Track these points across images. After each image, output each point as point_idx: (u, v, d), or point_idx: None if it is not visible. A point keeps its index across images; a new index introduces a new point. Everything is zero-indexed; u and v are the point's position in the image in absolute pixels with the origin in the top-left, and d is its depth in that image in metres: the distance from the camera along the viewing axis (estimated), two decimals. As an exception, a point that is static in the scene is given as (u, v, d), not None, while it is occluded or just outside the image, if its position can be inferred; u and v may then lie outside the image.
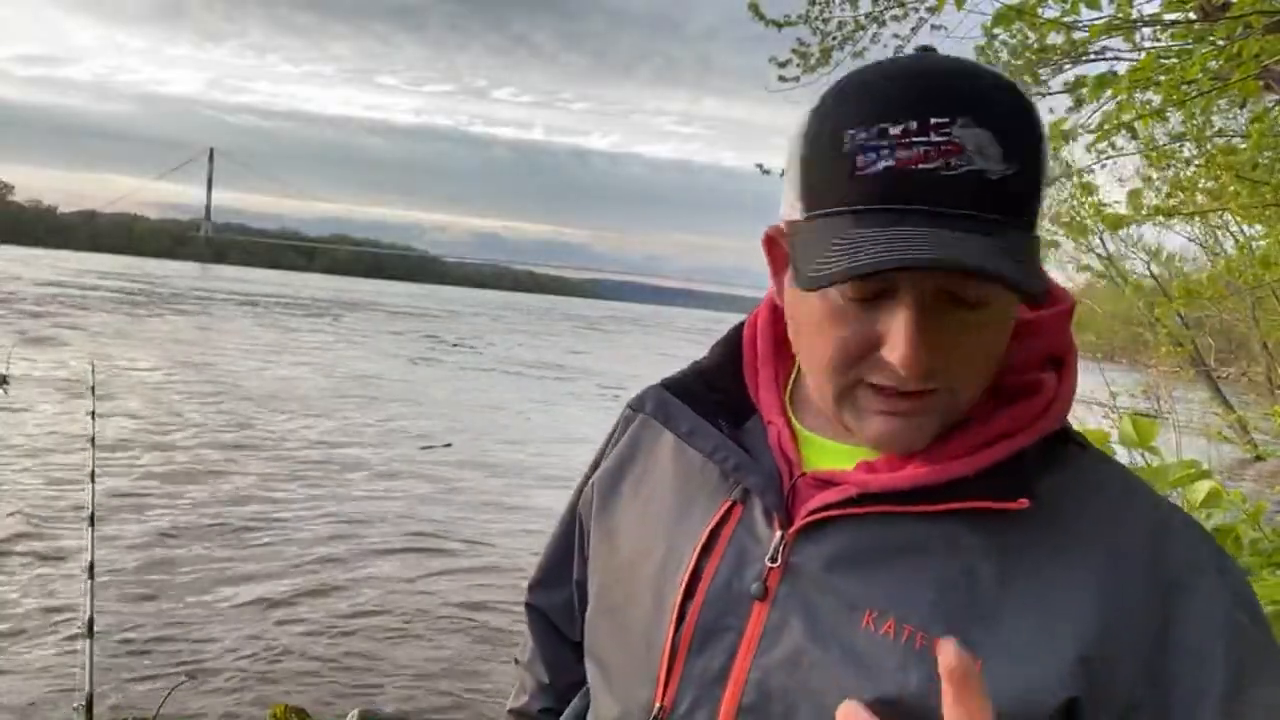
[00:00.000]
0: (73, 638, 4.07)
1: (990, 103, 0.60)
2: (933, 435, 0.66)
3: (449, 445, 11.69)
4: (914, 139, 0.59)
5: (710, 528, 0.73)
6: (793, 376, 0.81)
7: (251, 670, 5.11)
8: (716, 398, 0.79)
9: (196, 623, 5.64)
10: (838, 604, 0.65)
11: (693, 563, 0.72)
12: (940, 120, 0.58)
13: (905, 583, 0.64)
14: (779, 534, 0.69)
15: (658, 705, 0.71)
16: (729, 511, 0.73)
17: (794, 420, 0.78)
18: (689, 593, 0.71)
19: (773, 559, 0.69)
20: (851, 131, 0.61)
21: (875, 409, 0.66)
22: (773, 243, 0.72)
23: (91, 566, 3.51)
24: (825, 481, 0.70)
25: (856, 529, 0.67)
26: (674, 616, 0.71)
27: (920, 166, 0.58)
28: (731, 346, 0.84)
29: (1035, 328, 0.71)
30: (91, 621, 3.15)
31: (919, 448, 0.67)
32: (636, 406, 0.83)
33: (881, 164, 0.59)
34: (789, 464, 0.74)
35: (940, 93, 0.60)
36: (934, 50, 0.66)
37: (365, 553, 7.36)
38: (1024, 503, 0.64)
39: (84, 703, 2.87)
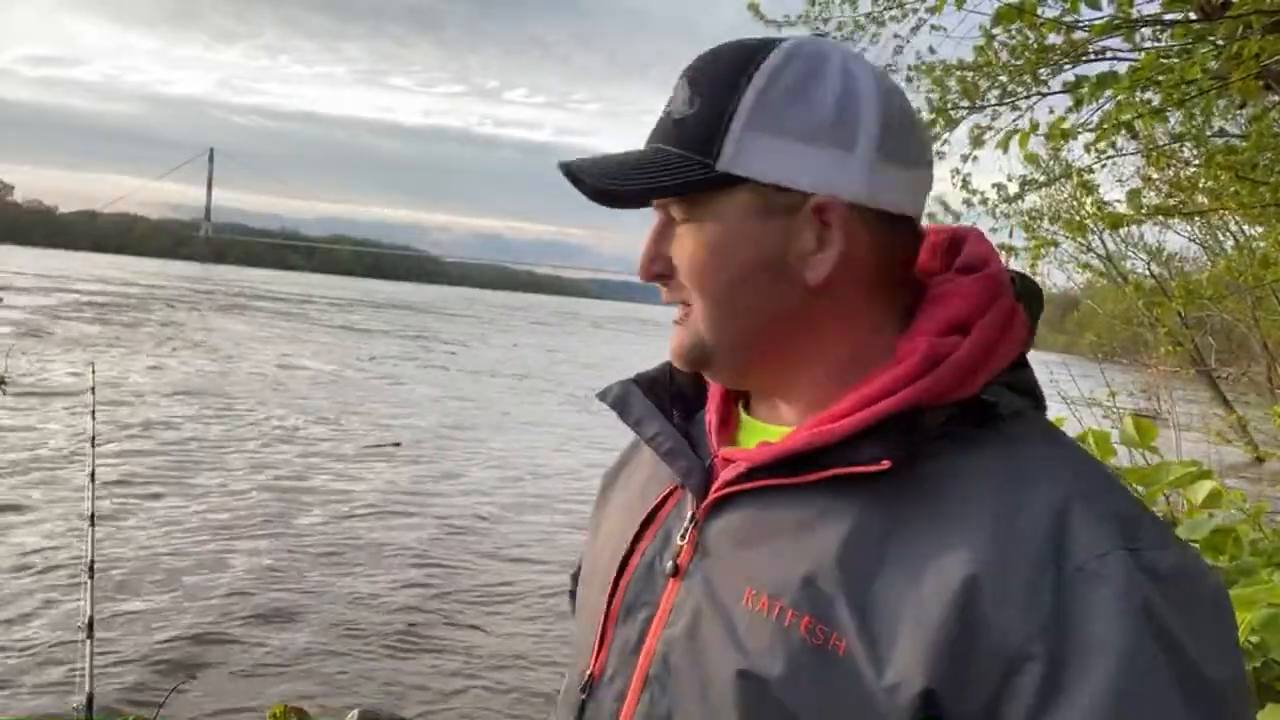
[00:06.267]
0: (73, 638, 4.07)
1: (703, 59, 0.71)
2: (685, 347, 0.73)
3: (398, 445, 11.78)
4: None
5: (649, 510, 0.78)
6: None
7: (251, 670, 5.12)
8: (676, 389, 0.82)
9: (196, 622, 5.64)
10: (729, 579, 0.67)
11: (629, 543, 0.77)
12: (678, 79, 0.72)
13: (784, 558, 0.64)
14: (690, 513, 0.73)
15: (588, 673, 0.76)
16: (670, 495, 0.77)
17: (740, 406, 0.79)
18: (623, 570, 0.77)
19: (682, 536, 0.72)
20: None
21: None
22: None
23: (91, 566, 3.51)
24: (731, 461, 0.73)
25: (753, 504, 0.68)
26: (608, 592, 0.76)
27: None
28: None
29: (945, 295, 0.69)
30: (91, 621, 3.15)
31: (679, 358, 0.74)
32: (601, 396, 0.83)
33: None
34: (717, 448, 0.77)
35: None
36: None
37: (365, 553, 7.37)
38: (884, 464, 0.61)
39: (84, 703, 2.87)
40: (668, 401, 0.81)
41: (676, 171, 0.68)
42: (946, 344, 0.65)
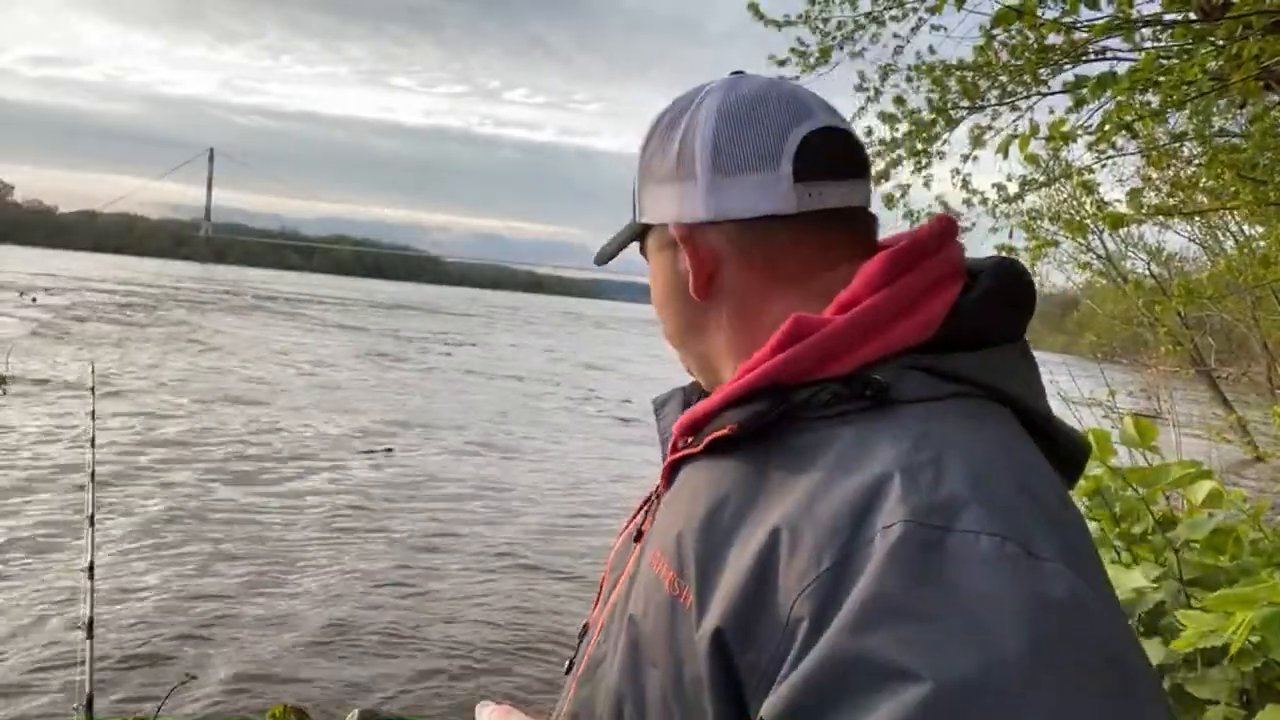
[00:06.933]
0: (73, 638, 4.07)
1: None
2: (685, 365, 0.86)
3: (390, 451, 11.76)
4: None
5: (656, 487, 0.86)
6: None
7: (251, 670, 5.12)
8: (704, 392, 0.88)
9: (197, 623, 5.64)
10: (651, 541, 0.75)
11: (629, 518, 0.89)
12: None
13: (675, 519, 0.70)
14: (658, 485, 0.82)
15: (585, 623, 0.87)
16: None
17: None
18: (620, 539, 0.89)
19: (648, 505, 0.83)
20: None
21: None
22: None
23: (91, 566, 3.51)
24: None
25: (680, 473, 0.76)
26: (610, 557, 0.88)
27: None
28: None
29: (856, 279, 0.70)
30: (91, 621, 3.15)
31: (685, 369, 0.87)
32: (654, 400, 0.92)
33: None
34: None
35: None
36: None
37: (365, 553, 7.37)
38: (729, 429, 0.67)
39: (84, 703, 2.87)
40: (695, 400, 0.88)
41: (624, 232, 0.86)
42: (815, 321, 0.66)
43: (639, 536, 0.80)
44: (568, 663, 0.86)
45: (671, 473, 0.78)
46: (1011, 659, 0.47)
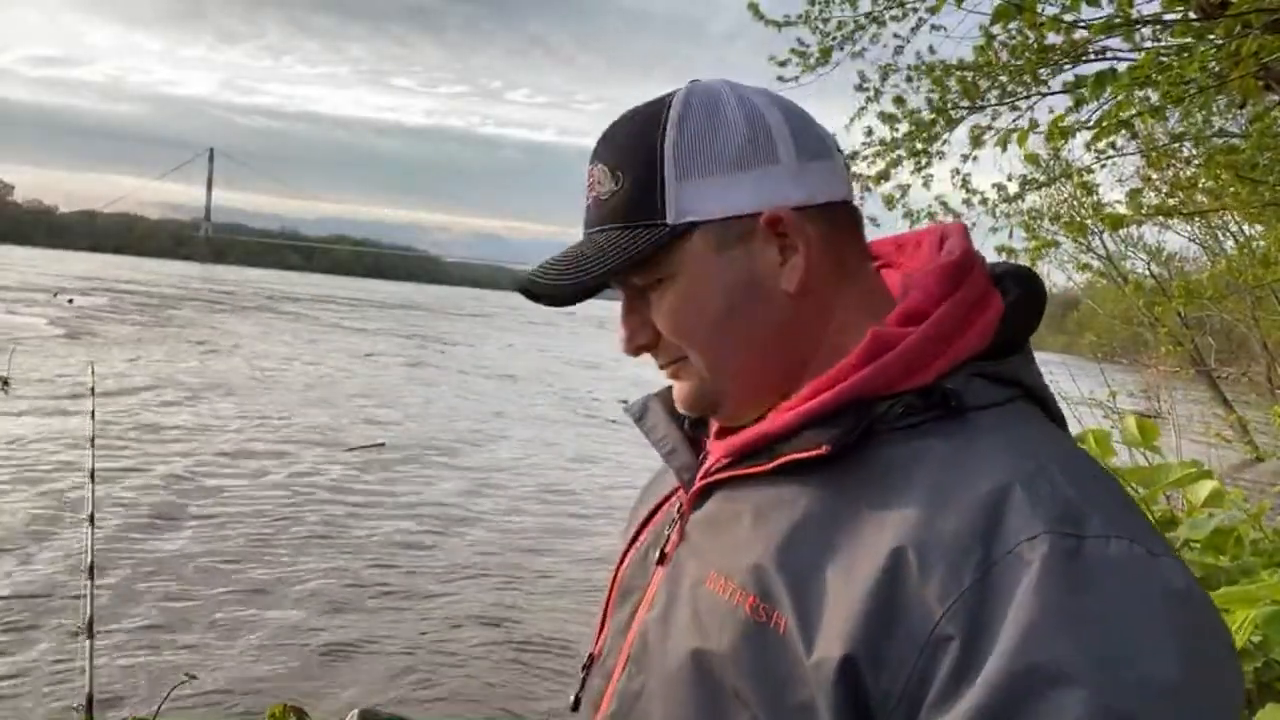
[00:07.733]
0: (73, 638, 4.07)
1: (609, 137, 0.75)
2: (697, 393, 0.75)
3: (382, 445, 11.79)
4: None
5: (652, 508, 0.83)
6: None
7: (251, 670, 5.12)
8: None
9: (197, 622, 5.65)
10: (698, 564, 0.70)
11: (630, 537, 0.83)
12: (589, 167, 0.76)
13: (741, 542, 0.67)
14: (678, 506, 0.77)
15: (590, 653, 0.82)
16: (673, 493, 0.81)
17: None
18: (623, 562, 0.82)
19: (671, 526, 0.76)
20: None
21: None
22: None
23: (91, 566, 3.51)
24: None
25: (725, 494, 0.72)
26: (612, 580, 0.82)
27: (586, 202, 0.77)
28: None
29: (912, 286, 0.70)
30: (91, 621, 3.15)
31: (692, 405, 0.77)
32: (627, 409, 0.87)
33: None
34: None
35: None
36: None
37: (363, 553, 7.37)
38: (822, 449, 0.63)
39: (84, 703, 2.87)
40: (679, 412, 0.84)
41: (630, 243, 0.71)
42: (893, 334, 0.66)
43: (662, 559, 0.75)
44: (573, 698, 0.81)
45: (702, 493, 0.74)
46: (1169, 655, 0.52)
